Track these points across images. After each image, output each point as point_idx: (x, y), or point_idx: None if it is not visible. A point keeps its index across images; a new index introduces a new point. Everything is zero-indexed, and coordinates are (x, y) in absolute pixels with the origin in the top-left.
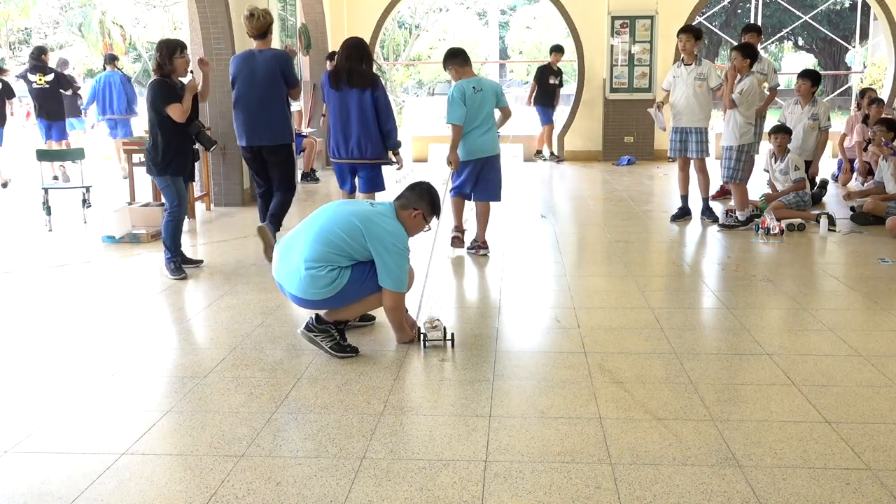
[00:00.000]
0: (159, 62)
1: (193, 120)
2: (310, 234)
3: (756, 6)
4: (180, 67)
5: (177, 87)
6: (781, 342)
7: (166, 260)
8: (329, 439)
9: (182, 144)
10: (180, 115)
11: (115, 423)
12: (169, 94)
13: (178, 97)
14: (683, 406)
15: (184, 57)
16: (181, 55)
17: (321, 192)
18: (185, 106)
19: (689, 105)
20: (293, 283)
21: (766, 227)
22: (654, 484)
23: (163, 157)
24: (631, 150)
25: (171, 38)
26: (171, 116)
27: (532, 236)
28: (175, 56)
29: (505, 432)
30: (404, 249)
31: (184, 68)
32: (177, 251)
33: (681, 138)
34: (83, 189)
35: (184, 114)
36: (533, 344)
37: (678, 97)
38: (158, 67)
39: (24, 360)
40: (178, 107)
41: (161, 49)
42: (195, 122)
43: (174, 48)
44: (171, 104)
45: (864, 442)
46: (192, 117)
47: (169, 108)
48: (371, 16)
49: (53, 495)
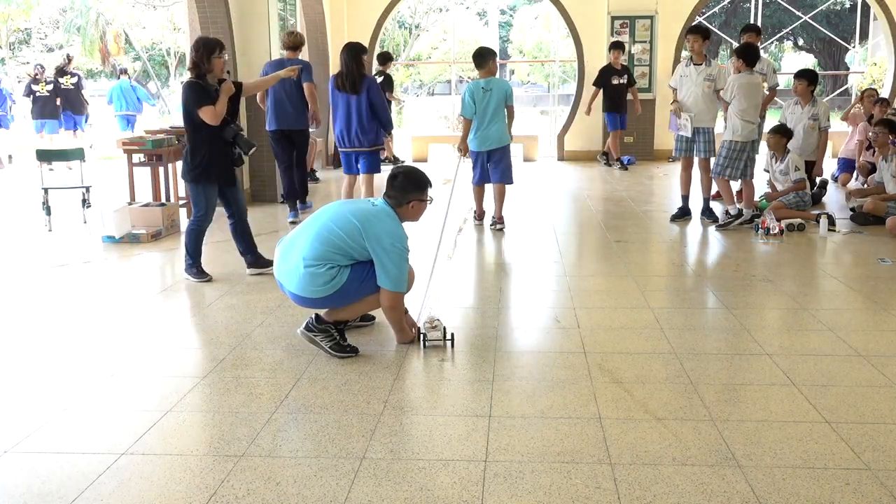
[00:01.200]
0: (195, 61)
1: (229, 123)
2: (310, 234)
3: (756, 6)
4: (217, 68)
5: (211, 88)
6: (781, 342)
7: (187, 266)
8: (329, 439)
9: (217, 150)
10: (213, 118)
11: (115, 423)
12: (202, 96)
13: (213, 99)
14: (683, 406)
15: (222, 57)
16: (220, 55)
17: (321, 192)
18: (218, 109)
19: (697, 105)
20: (293, 281)
21: (766, 227)
22: (654, 484)
23: (196, 164)
24: (631, 150)
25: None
26: (205, 119)
27: (532, 236)
28: (214, 55)
29: (505, 432)
30: (403, 250)
31: (221, 69)
32: (198, 257)
33: (687, 138)
34: (83, 189)
35: (217, 116)
36: (533, 344)
37: (686, 96)
38: (194, 67)
39: (24, 360)
40: (211, 109)
41: (199, 47)
42: (231, 125)
43: (213, 47)
44: (204, 106)
45: (864, 442)
46: (227, 121)
47: (202, 111)
48: (371, 16)
49: (53, 495)
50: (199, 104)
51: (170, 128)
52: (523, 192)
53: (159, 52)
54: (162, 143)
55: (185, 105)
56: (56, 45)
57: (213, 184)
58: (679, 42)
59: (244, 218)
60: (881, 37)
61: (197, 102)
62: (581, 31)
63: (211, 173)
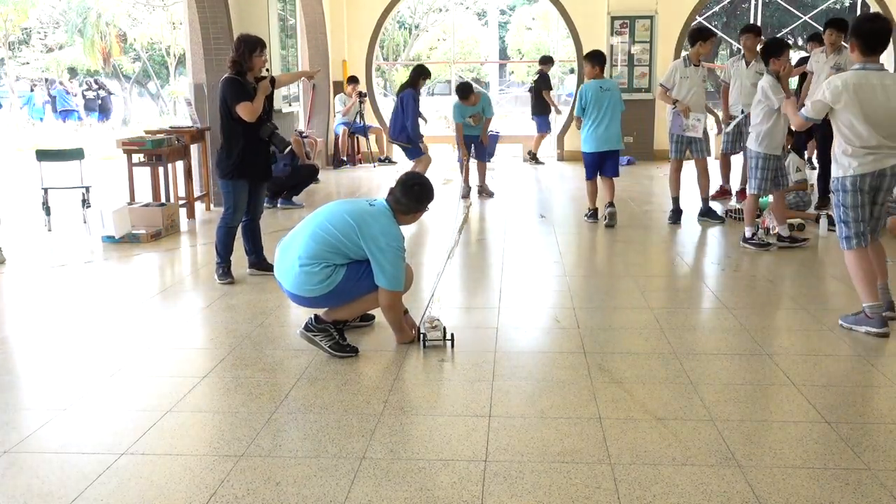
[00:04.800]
0: (236, 59)
1: (265, 122)
2: (306, 233)
3: (756, 6)
4: (257, 66)
5: (249, 86)
6: (781, 342)
7: (216, 265)
8: (329, 439)
9: (252, 147)
10: (251, 115)
11: (115, 423)
12: (240, 93)
13: (250, 96)
14: (683, 406)
15: (262, 56)
16: (260, 53)
17: (321, 192)
18: (255, 106)
19: (699, 106)
20: (289, 280)
21: (766, 227)
22: (653, 484)
23: (232, 160)
24: (631, 151)
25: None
26: (241, 116)
27: (532, 236)
28: (255, 54)
29: (505, 432)
30: (399, 249)
31: (260, 68)
32: (227, 257)
33: (687, 139)
34: (83, 189)
35: (254, 113)
36: (533, 344)
37: (685, 97)
38: (234, 64)
39: (24, 360)
40: (248, 105)
41: (240, 45)
42: (267, 123)
43: (255, 45)
44: (242, 102)
45: (864, 442)
46: (263, 119)
47: (239, 107)
48: (371, 16)
49: (53, 495)
50: (237, 100)
51: (170, 128)
52: (523, 193)
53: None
54: (162, 144)
55: (223, 101)
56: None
57: (245, 180)
58: (679, 42)
59: (258, 217)
60: None
61: (235, 98)
62: (581, 31)
63: (245, 170)
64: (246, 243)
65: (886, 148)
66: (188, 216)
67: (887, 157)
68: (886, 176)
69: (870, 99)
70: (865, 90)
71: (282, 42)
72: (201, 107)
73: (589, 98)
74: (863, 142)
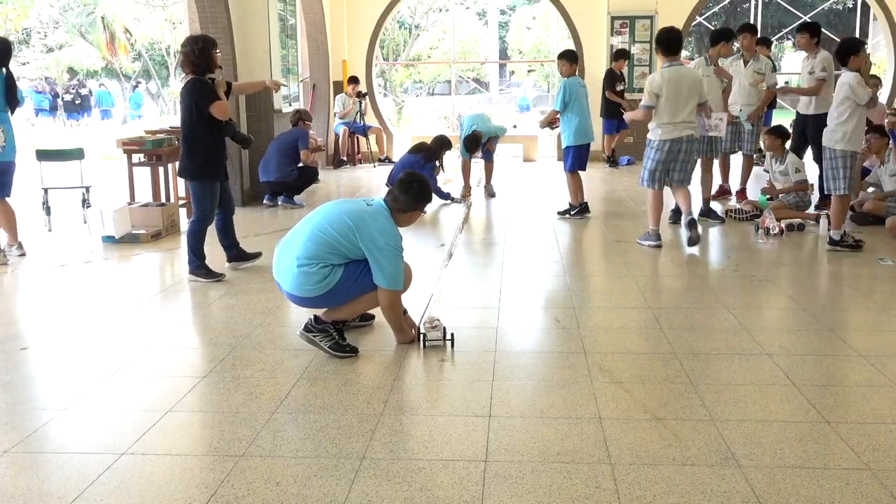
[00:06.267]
0: (198, 59)
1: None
2: (304, 233)
3: (756, 6)
4: (215, 64)
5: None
6: (781, 342)
7: (193, 268)
8: (329, 439)
9: (217, 147)
10: (224, 113)
11: (115, 423)
12: (212, 92)
13: (217, 96)
14: (683, 406)
15: (219, 53)
16: (217, 50)
17: (321, 192)
18: (226, 103)
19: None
20: (288, 280)
21: (766, 227)
22: (653, 484)
23: (201, 161)
24: (631, 150)
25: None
26: (215, 114)
27: (532, 236)
28: (215, 50)
29: (505, 432)
30: (397, 248)
31: (216, 65)
32: (203, 258)
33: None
34: (83, 189)
35: (226, 111)
36: (533, 344)
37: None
38: (197, 64)
39: (24, 360)
40: (222, 104)
41: (199, 43)
42: (229, 121)
43: (214, 42)
44: (216, 102)
45: (864, 442)
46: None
47: (213, 107)
48: (371, 16)
49: (53, 495)
50: (210, 100)
51: (170, 128)
52: (523, 193)
53: (159, 51)
54: (161, 144)
55: (194, 102)
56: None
57: (216, 180)
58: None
59: (232, 213)
60: (881, 37)
61: (209, 98)
62: (581, 31)
63: (214, 169)
64: (223, 239)
65: (683, 122)
66: (188, 216)
67: (684, 129)
68: (683, 140)
69: (679, 86)
70: (673, 80)
71: (282, 42)
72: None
73: (573, 93)
74: (672, 117)
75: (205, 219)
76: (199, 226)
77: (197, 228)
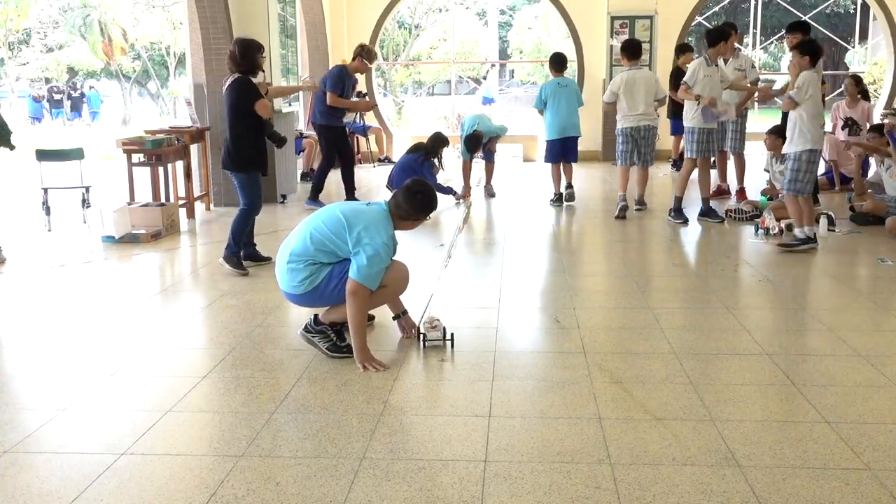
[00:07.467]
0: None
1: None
2: (301, 232)
3: (756, 6)
4: (258, 66)
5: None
6: (781, 342)
7: (228, 253)
8: (329, 439)
9: (259, 144)
10: (267, 111)
11: (115, 423)
12: (257, 91)
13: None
14: (683, 406)
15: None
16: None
17: (321, 192)
18: (269, 102)
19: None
20: (280, 277)
21: (766, 227)
22: (653, 484)
23: (246, 154)
24: None
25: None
26: (260, 112)
27: (532, 236)
28: (261, 54)
29: (505, 432)
30: (384, 247)
31: (260, 68)
32: (240, 246)
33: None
34: (83, 189)
35: (269, 110)
36: (533, 344)
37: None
38: (242, 64)
39: (24, 360)
40: (265, 102)
41: (249, 46)
42: (268, 120)
43: (261, 46)
44: (260, 100)
45: (864, 442)
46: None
47: (258, 105)
48: (371, 16)
49: (53, 495)
50: (256, 98)
51: (170, 128)
52: (523, 193)
53: (158, 51)
54: (162, 143)
55: (241, 99)
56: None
57: (258, 172)
58: (679, 42)
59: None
60: (881, 37)
61: (255, 96)
62: (581, 31)
63: (257, 162)
64: None
65: (641, 114)
66: (188, 216)
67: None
68: (641, 129)
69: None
70: (632, 80)
71: (282, 42)
72: (201, 107)
73: (548, 93)
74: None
75: (252, 207)
76: (247, 213)
77: (243, 215)
